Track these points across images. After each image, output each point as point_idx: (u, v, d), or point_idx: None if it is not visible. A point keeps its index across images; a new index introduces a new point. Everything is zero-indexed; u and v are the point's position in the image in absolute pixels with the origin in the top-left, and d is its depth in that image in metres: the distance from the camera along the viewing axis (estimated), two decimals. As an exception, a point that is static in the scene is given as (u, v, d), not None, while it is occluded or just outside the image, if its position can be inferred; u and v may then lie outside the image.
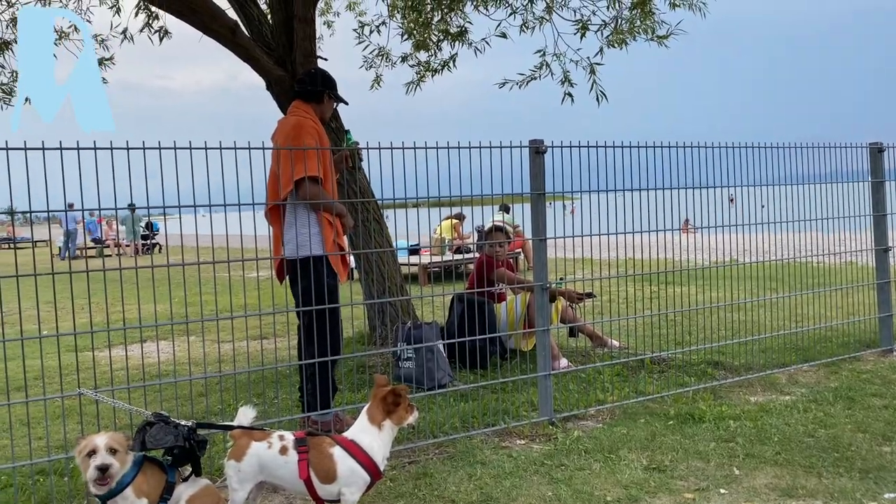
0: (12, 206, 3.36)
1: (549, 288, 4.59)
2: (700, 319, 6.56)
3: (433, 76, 7.31)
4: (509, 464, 3.79)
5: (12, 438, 3.87)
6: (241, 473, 3.04)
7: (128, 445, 3.00)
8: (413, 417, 3.22)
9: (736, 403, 4.74)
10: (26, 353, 3.71)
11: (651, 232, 4.88)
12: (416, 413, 3.26)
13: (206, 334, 6.37)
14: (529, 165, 4.44)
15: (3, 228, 23.70)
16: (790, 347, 6.02)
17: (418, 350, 5.29)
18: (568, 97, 6.64)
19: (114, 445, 2.94)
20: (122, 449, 2.96)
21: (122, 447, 2.96)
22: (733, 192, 5.43)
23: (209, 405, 4.66)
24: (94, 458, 2.91)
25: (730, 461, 3.74)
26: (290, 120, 4.31)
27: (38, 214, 3.63)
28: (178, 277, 3.80)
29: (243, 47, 5.82)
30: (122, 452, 2.95)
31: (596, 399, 4.86)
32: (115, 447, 2.94)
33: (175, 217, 3.85)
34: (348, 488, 3.01)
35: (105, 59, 7.55)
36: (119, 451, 2.94)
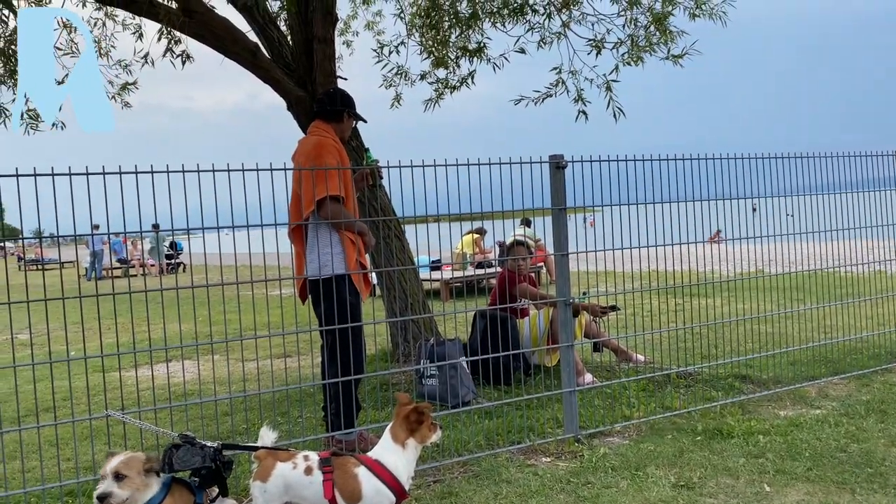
0: (40, 230, 3.41)
1: (572, 303, 4.56)
2: (726, 332, 6.47)
3: (451, 93, 7.34)
4: (535, 482, 3.76)
5: (41, 460, 3.92)
6: (267, 494, 3.04)
7: (147, 466, 2.99)
8: (437, 436, 3.19)
9: (765, 418, 4.66)
10: (55, 374, 3.76)
11: (674, 245, 4.84)
12: (440, 431, 3.23)
13: (230, 353, 6.41)
14: (550, 181, 4.43)
15: (31, 250, 24.12)
16: (819, 360, 5.92)
17: (441, 367, 5.28)
18: (582, 115, 6.64)
19: (123, 471, 2.93)
20: (135, 472, 2.95)
21: (135, 470, 2.95)
22: (756, 201, 5.36)
23: (234, 424, 4.67)
24: (98, 484, 2.93)
25: (760, 477, 3.67)
26: (311, 140, 4.34)
27: (58, 240, 3.70)
28: (201, 297, 3.83)
29: (264, 69, 5.90)
30: (133, 477, 2.94)
31: (622, 415, 4.81)
32: (125, 472, 2.93)
33: (198, 236, 3.88)
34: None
35: (129, 83, 7.68)
36: (129, 477, 2.94)
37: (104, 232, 3.47)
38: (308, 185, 4.08)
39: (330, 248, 4.18)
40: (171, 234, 4.43)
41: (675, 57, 6.48)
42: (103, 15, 7.47)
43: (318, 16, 5.92)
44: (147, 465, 3.00)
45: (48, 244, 7.00)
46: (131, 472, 2.96)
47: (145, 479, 2.98)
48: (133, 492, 2.96)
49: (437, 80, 7.35)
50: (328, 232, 4.20)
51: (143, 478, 2.98)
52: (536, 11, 6.75)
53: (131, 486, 2.94)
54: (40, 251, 18.12)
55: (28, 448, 4.58)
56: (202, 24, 5.75)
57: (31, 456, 4.48)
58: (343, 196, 4.18)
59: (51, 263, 21.36)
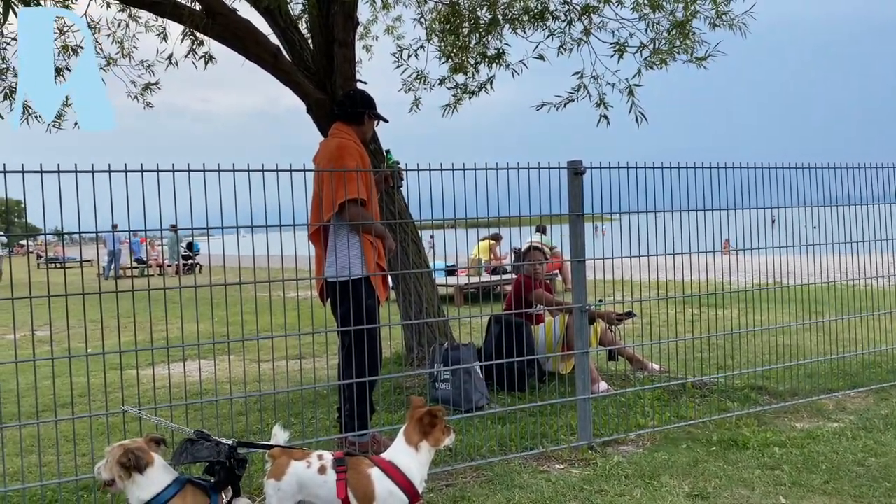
0: (62, 227, 3.45)
1: (588, 310, 4.55)
2: (743, 343, 6.42)
3: (470, 98, 7.35)
4: (548, 488, 3.74)
5: (58, 455, 3.96)
6: (281, 493, 3.05)
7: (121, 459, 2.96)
8: (449, 440, 3.19)
9: (781, 430, 4.61)
10: (72, 370, 3.80)
11: (692, 254, 4.81)
12: (453, 435, 3.22)
13: (246, 354, 6.44)
14: (568, 187, 4.43)
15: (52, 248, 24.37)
16: (837, 373, 5.86)
17: (455, 372, 5.27)
18: (604, 119, 6.62)
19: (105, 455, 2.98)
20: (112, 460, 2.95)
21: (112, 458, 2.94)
22: (775, 212, 5.32)
23: (249, 424, 4.69)
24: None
25: (776, 489, 3.63)
26: (333, 142, 4.35)
27: (80, 237, 3.74)
28: (218, 297, 3.86)
29: (285, 71, 5.94)
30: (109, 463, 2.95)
31: (636, 423, 4.78)
32: (107, 458, 2.97)
33: (217, 238, 3.91)
34: None
35: (151, 83, 7.77)
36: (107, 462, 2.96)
37: (124, 230, 3.51)
38: (330, 188, 4.09)
39: (349, 251, 4.19)
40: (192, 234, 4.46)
41: (699, 59, 6.44)
42: (126, 16, 7.56)
43: (338, 19, 5.96)
44: (122, 457, 2.97)
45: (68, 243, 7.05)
46: (110, 459, 2.97)
47: (119, 470, 2.96)
48: (116, 479, 2.95)
49: (455, 86, 7.37)
50: (348, 234, 4.20)
51: (118, 469, 2.96)
52: (557, 18, 6.75)
53: (108, 471, 2.96)
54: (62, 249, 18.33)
55: (45, 443, 4.62)
56: (224, 25, 5.80)
57: (47, 451, 4.53)
58: (364, 199, 4.19)
59: (70, 262, 21.58)
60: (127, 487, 3.00)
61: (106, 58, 7.30)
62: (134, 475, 2.99)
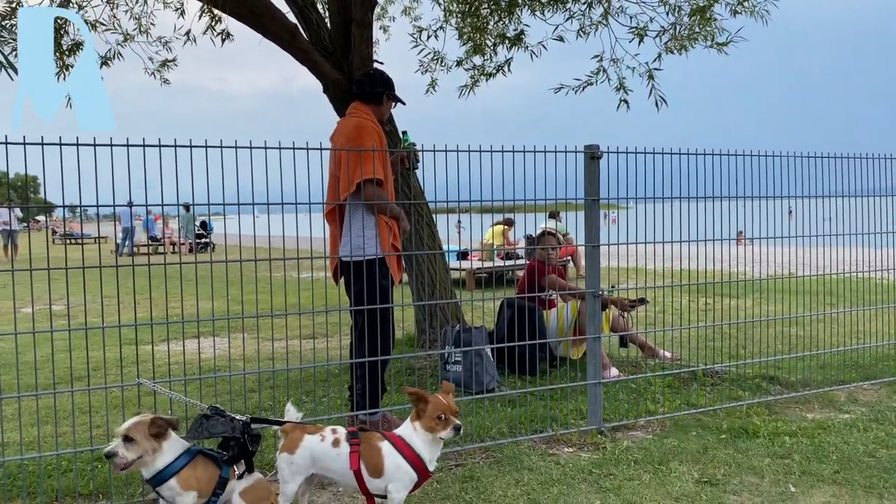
0: (80, 201, 3.47)
1: (600, 296, 4.54)
2: (755, 333, 6.39)
3: (487, 80, 7.31)
4: (557, 471, 3.76)
5: (74, 426, 4.01)
6: (294, 466, 3.09)
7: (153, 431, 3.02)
8: (445, 433, 3.07)
9: (792, 420, 4.60)
10: (88, 345, 3.84)
11: (707, 241, 4.79)
12: (450, 431, 3.07)
13: (259, 332, 6.49)
14: (584, 171, 4.40)
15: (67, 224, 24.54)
16: (850, 365, 5.83)
17: (466, 354, 5.29)
18: (623, 104, 6.56)
19: (132, 434, 3.00)
20: (141, 436, 3.00)
21: (141, 434, 3.00)
22: (792, 204, 5.28)
23: (261, 400, 4.74)
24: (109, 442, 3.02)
25: (785, 478, 3.63)
26: (351, 121, 4.33)
27: (98, 211, 3.76)
28: (232, 276, 3.88)
29: (302, 50, 5.92)
30: (140, 441, 3.00)
31: (646, 410, 4.79)
32: (133, 436, 3.00)
33: (232, 217, 3.92)
34: (394, 484, 3.03)
35: (168, 60, 7.78)
36: (136, 441, 3.00)
37: (141, 204, 3.52)
38: (347, 167, 4.08)
39: (364, 231, 4.19)
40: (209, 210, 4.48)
41: (720, 45, 6.36)
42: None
43: (357, -2, 5.93)
44: (153, 429, 3.04)
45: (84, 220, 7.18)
46: (138, 435, 3.02)
47: (153, 443, 3.03)
48: (142, 454, 3.01)
49: (473, 67, 7.33)
50: (364, 214, 4.20)
51: (151, 442, 3.02)
52: (577, 0, 6.68)
53: (138, 450, 3.00)
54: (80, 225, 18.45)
55: (61, 414, 4.68)
56: (242, 2, 5.79)
57: (63, 422, 4.59)
58: (381, 179, 4.18)
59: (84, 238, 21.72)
60: (153, 460, 3.04)
61: (123, 33, 7.31)
62: (162, 443, 3.05)
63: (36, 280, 3.40)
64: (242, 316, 3.95)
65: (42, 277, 3.41)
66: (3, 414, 4.24)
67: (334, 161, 4.25)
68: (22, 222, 23.00)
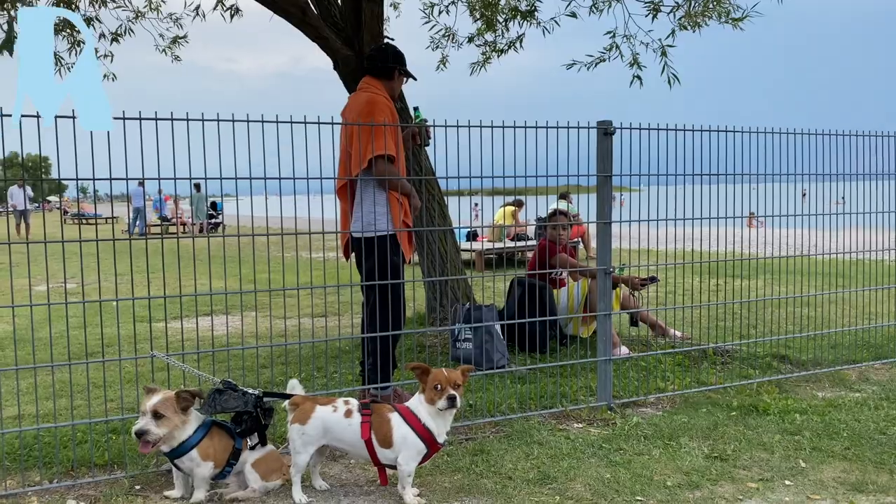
0: (94, 175, 3.48)
1: (611, 273, 4.53)
2: (766, 313, 6.38)
3: (499, 56, 7.26)
4: (566, 445, 3.78)
5: (89, 398, 4.06)
6: (305, 436, 3.13)
7: (182, 405, 3.09)
8: (441, 402, 3.06)
9: (802, 398, 4.60)
10: (100, 319, 3.88)
11: (718, 219, 4.76)
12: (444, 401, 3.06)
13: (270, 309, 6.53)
14: (597, 147, 4.38)
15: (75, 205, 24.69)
16: (861, 344, 5.82)
17: (476, 331, 5.30)
18: (637, 80, 6.50)
19: (161, 410, 3.06)
20: (171, 412, 3.07)
21: (171, 410, 3.07)
22: (806, 186, 5.24)
23: (273, 376, 4.78)
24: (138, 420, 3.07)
25: (795, 454, 3.64)
26: (363, 96, 4.29)
27: (106, 192, 3.77)
28: (244, 254, 3.90)
29: (313, 27, 5.90)
30: (170, 416, 3.06)
31: (656, 387, 4.79)
32: (163, 412, 3.06)
33: (243, 197, 3.92)
34: (402, 455, 3.07)
35: (179, 37, 7.77)
36: (166, 417, 3.06)
37: (154, 177, 3.53)
38: (359, 142, 4.06)
39: (376, 207, 4.18)
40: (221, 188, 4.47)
41: (735, 20, 6.27)
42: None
43: (367, -26, 5.89)
44: (181, 402, 3.10)
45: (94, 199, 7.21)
46: (168, 411, 3.07)
47: (182, 416, 3.09)
48: (172, 429, 3.08)
49: (484, 43, 7.27)
50: (375, 190, 4.19)
51: (179, 415, 3.09)
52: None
53: (168, 425, 3.07)
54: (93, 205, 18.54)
55: (75, 388, 4.74)
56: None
57: (78, 395, 4.64)
58: (393, 155, 4.16)
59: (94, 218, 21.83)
60: (178, 435, 3.09)
61: (134, 10, 7.30)
62: (189, 416, 3.11)
63: (49, 258, 3.42)
64: (255, 291, 3.98)
65: (55, 255, 3.44)
66: (19, 387, 4.30)
67: (345, 137, 4.24)
68: (34, 203, 23.14)
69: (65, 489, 3.31)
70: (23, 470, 3.46)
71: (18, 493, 3.25)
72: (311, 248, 4.91)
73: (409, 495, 3.09)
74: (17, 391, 4.24)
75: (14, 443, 3.71)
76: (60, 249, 3.37)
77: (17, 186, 21.35)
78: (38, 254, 3.55)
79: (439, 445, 3.14)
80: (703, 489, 3.23)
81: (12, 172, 29.22)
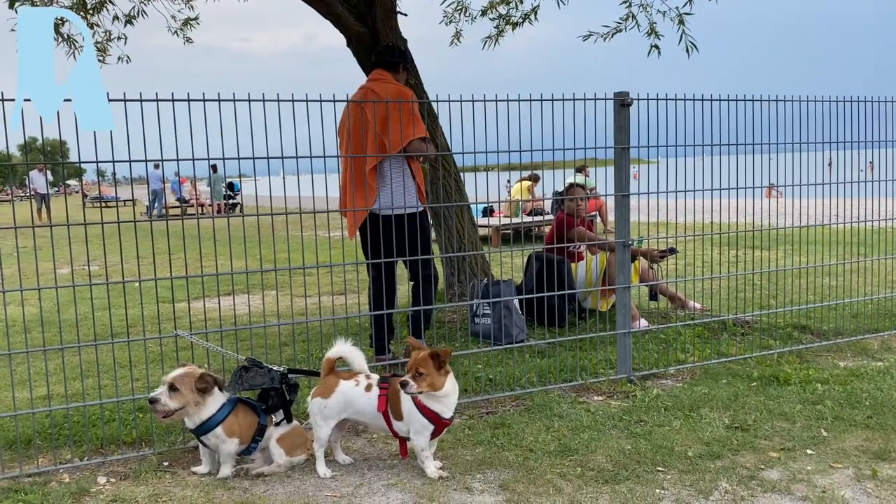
0: (114, 156, 3.51)
1: (630, 245, 4.52)
2: (786, 283, 6.33)
3: (513, 29, 7.18)
4: (587, 418, 3.80)
5: (116, 378, 4.14)
6: (327, 409, 3.19)
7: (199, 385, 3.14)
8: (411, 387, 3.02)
9: (824, 368, 4.59)
10: (122, 302, 3.93)
11: (738, 189, 4.71)
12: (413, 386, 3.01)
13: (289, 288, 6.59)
14: (614, 118, 4.34)
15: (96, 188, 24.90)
16: (884, 313, 5.77)
17: (495, 306, 5.32)
18: (655, 49, 6.41)
19: (177, 384, 3.12)
20: (187, 388, 3.12)
21: (187, 386, 3.12)
22: (830, 154, 5.16)
23: (295, 353, 4.83)
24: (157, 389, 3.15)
25: (817, 423, 3.64)
26: (390, 87, 4.59)
27: (125, 175, 3.81)
28: (264, 234, 3.93)
29: (325, 3, 5.86)
30: (184, 392, 3.12)
31: (675, 359, 4.80)
32: (179, 386, 3.12)
33: (261, 178, 3.94)
34: (411, 428, 3.12)
35: (191, 19, 7.76)
36: (180, 391, 3.11)
37: (172, 158, 3.55)
38: (399, 126, 4.35)
39: (405, 187, 4.49)
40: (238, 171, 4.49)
41: None
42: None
43: (379, -52, 5.84)
44: (199, 383, 3.15)
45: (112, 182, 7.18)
46: (184, 387, 3.13)
47: (197, 396, 3.14)
48: (185, 405, 3.13)
49: (498, 17, 7.19)
50: (405, 172, 4.53)
51: (195, 395, 3.13)
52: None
53: (181, 399, 3.12)
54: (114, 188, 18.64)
55: (103, 368, 4.82)
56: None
57: (104, 375, 4.72)
58: (428, 137, 4.51)
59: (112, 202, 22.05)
60: (195, 412, 3.15)
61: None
62: (206, 398, 3.16)
63: (71, 242, 3.47)
64: (276, 269, 4.02)
65: (78, 238, 3.48)
66: (48, 367, 4.39)
67: (370, 121, 4.39)
68: (54, 186, 23.38)
69: (95, 466, 3.39)
70: (54, 448, 3.55)
71: (50, 471, 3.33)
72: (329, 227, 4.89)
73: (432, 468, 3.13)
74: (45, 371, 4.32)
75: (45, 422, 3.80)
76: (83, 233, 3.42)
77: (37, 171, 21.58)
78: (61, 237, 3.60)
79: (446, 421, 3.15)
80: (725, 459, 3.24)
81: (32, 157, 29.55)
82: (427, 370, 3.02)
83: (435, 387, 3.03)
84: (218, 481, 3.19)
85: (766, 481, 3.01)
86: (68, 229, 3.49)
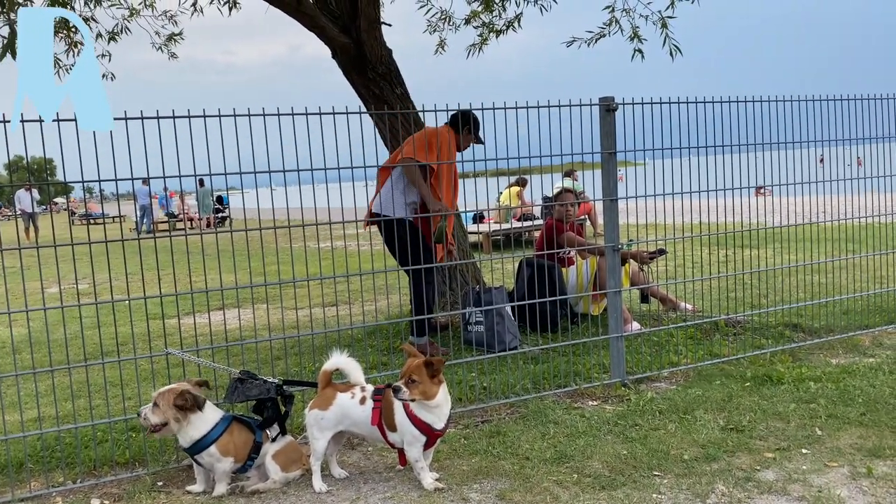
0: (100, 175, 3.49)
1: (619, 250, 4.53)
2: (776, 282, 6.36)
3: (497, 37, 7.20)
4: (582, 423, 3.80)
5: (107, 397, 4.10)
6: (324, 421, 3.18)
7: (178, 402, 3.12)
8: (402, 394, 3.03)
9: (816, 365, 4.60)
10: (112, 320, 3.90)
11: (725, 190, 4.73)
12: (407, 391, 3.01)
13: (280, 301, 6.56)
14: (600, 124, 4.36)
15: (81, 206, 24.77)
16: (874, 309, 5.80)
17: (487, 314, 5.32)
18: (638, 53, 6.44)
19: (158, 400, 3.14)
20: (165, 404, 3.12)
21: (166, 402, 3.12)
22: (822, 152, 5.20)
23: (288, 367, 4.81)
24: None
25: (811, 422, 3.65)
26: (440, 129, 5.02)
27: (112, 191, 3.79)
28: (253, 247, 3.91)
29: (308, 16, 5.86)
30: (162, 408, 3.13)
31: (668, 361, 4.80)
32: (159, 402, 3.13)
33: (248, 191, 3.93)
34: (405, 440, 3.11)
35: (175, 34, 7.74)
36: (159, 407, 3.13)
37: (158, 176, 3.53)
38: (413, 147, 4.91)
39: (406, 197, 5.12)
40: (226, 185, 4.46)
41: None
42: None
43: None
44: (178, 400, 3.12)
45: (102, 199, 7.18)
46: (163, 402, 3.11)
47: (176, 412, 3.11)
48: (166, 422, 3.12)
49: (482, 24, 7.21)
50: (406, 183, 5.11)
51: (174, 411, 3.11)
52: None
53: (160, 415, 3.12)
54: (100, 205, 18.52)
55: (94, 388, 4.78)
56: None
57: (95, 395, 4.68)
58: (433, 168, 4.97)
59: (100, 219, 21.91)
60: (180, 429, 3.13)
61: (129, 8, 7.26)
62: (189, 415, 3.13)
63: (59, 260, 3.44)
64: (266, 284, 4.00)
65: (65, 257, 3.46)
66: (38, 389, 4.35)
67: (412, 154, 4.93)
68: (41, 205, 23.23)
69: (88, 488, 3.35)
70: (46, 471, 3.51)
71: (43, 494, 3.30)
72: (318, 238, 4.87)
73: (427, 480, 3.12)
74: (36, 393, 4.28)
75: (36, 445, 3.76)
76: (70, 251, 3.39)
77: (23, 190, 21.44)
78: (48, 256, 3.57)
79: (438, 432, 3.14)
80: (720, 461, 3.24)
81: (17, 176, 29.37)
82: (420, 378, 3.01)
83: (427, 395, 3.02)
84: (213, 500, 3.16)
85: (763, 482, 3.02)
86: (55, 249, 3.46)
